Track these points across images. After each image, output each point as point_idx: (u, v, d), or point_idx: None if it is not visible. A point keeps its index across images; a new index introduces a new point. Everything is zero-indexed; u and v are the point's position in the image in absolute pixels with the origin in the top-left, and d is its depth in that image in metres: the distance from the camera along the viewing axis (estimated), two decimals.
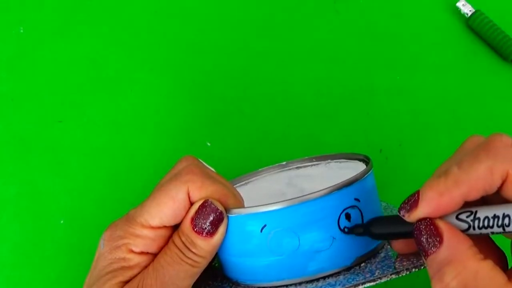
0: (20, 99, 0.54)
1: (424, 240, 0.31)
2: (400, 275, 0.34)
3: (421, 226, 0.32)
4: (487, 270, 0.29)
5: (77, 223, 0.51)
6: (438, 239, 0.31)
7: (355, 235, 0.36)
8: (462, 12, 0.59)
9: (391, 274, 0.34)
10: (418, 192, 0.32)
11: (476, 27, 0.59)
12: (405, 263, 0.35)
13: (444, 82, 0.58)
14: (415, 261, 0.35)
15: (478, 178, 0.30)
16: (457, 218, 0.32)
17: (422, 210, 0.31)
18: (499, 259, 0.34)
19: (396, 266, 0.35)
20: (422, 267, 0.35)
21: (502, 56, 0.59)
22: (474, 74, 0.59)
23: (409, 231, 0.33)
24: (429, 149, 0.56)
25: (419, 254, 0.36)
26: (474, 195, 0.31)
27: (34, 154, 0.52)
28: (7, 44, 0.55)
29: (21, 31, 0.56)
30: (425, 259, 0.32)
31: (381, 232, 0.35)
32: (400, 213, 0.33)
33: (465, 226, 0.31)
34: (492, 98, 0.58)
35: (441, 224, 0.31)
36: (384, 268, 0.36)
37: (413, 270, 0.35)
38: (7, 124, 0.53)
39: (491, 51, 0.59)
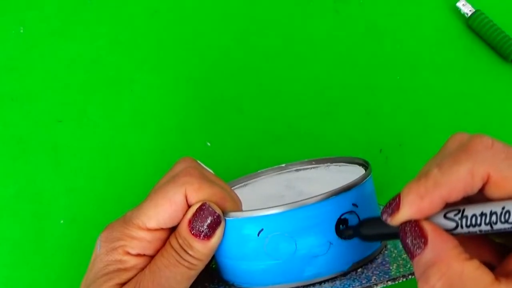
0: (20, 99, 0.54)
1: (409, 242, 0.31)
2: (397, 282, 0.34)
3: (406, 227, 0.31)
4: (472, 270, 0.29)
5: (77, 223, 0.51)
6: (423, 240, 0.30)
7: (346, 239, 0.36)
8: (462, 12, 0.59)
9: (387, 281, 0.34)
10: (399, 196, 0.31)
11: (476, 27, 0.59)
12: (402, 269, 0.35)
13: (444, 82, 0.58)
14: (412, 268, 0.35)
15: (459, 180, 0.30)
16: (444, 216, 0.31)
17: (404, 214, 0.31)
18: (492, 255, 0.33)
19: (393, 273, 0.35)
20: None
21: (502, 56, 0.58)
22: (474, 74, 0.58)
23: (397, 232, 0.32)
24: (429, 149, 0.55)
25: None
26: (455, 196, 0.30)
27: (34, 154, 0.53)
28: (7, 44, 0.55)
29: (21, 31, 0.56)
30: (412, 261, 0.31)
31: (370, 233, 0.34)
32: (382, 218, 0.32)
33: (453, 225, 0.31)
34: (492, 98, 0.58)
35: (426, 225, 0.31)
36: (380, 274, 0.35)
37: (410, 277, 0.34)
38: (7, 124, 0.53)
39: (491, 51, 0.59)
